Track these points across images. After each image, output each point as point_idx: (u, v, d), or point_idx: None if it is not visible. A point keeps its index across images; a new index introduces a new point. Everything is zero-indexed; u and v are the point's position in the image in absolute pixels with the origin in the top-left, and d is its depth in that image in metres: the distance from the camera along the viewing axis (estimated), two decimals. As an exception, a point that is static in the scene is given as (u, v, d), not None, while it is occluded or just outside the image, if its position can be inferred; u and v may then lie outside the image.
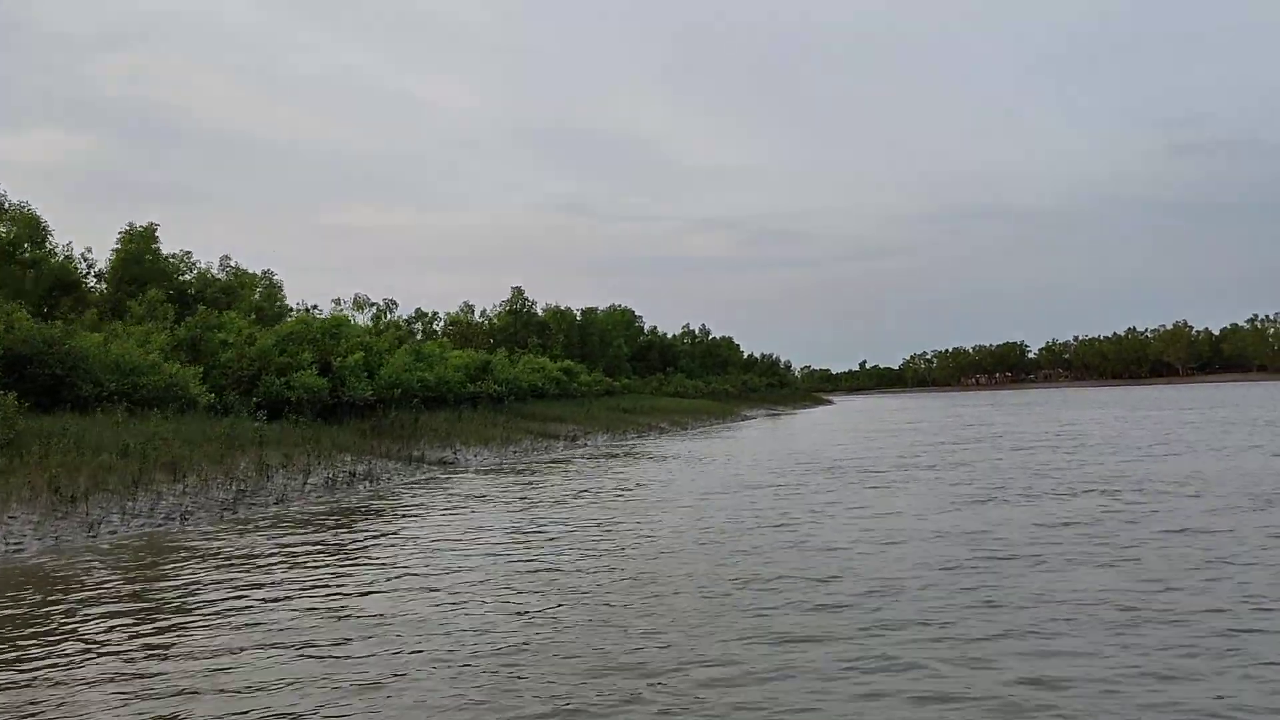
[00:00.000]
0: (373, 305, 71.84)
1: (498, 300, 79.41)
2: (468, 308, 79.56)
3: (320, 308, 56.79)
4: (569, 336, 78.06)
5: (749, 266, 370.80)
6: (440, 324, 76.44)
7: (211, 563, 12.09)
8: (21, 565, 12.08)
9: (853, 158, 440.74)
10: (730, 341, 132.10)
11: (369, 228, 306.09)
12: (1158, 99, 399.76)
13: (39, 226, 38.30)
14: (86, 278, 41.48)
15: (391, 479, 22.84)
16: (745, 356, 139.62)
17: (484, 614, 9.08)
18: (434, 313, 76.66)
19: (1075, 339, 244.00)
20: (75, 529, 14.01)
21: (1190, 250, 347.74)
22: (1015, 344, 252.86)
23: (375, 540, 13.82)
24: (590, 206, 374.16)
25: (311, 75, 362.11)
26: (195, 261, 43.05)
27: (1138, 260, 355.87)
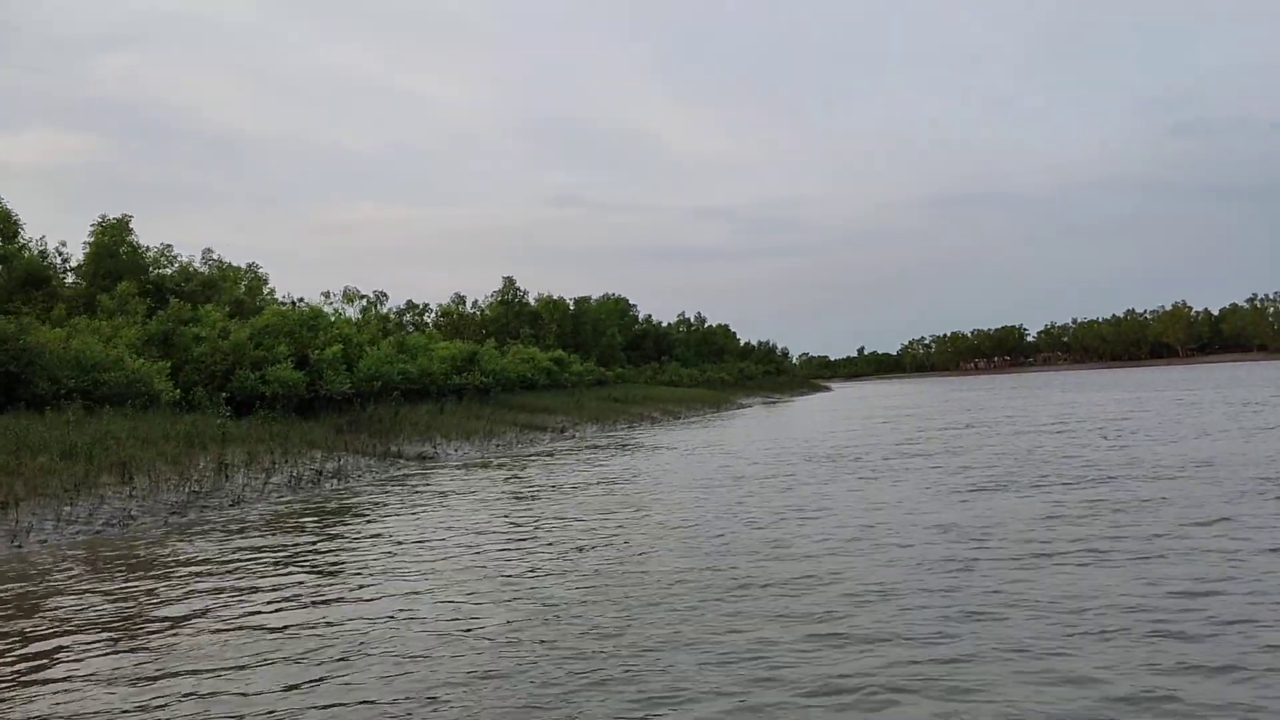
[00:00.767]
0: (363, 298, 70.95)
1: (491, 292, 78.47)
2: (459, 299, 78.51)
3: (306, 300, 55.88)
4: (562, 326, 77.01)
5: (746, 255, 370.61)
6: (432, 316, 75.37)
7: (142, 572, 11.02)
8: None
9: (848, 145, 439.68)
10: (727, 329, 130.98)
11: (367, 223, 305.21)
12: (1156, 79, 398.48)
13: (10, 220, 37.21)
14: (62, 273, 40.44)
15: (363, 476, 21.72)
16: (742, 344, 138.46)
17: (431, 626, 8.02)
18: (425, 305, 75.61)
19: (1074, 321, 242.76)
20: None
21: (1189, 231, 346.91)
22: (1014, 328, 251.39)
23: (330, 543, 12.74)
24: (586, 198, 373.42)
25: (308, 72, 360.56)
26: (176, 255, 41.87)
27: (1136, 241, 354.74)
